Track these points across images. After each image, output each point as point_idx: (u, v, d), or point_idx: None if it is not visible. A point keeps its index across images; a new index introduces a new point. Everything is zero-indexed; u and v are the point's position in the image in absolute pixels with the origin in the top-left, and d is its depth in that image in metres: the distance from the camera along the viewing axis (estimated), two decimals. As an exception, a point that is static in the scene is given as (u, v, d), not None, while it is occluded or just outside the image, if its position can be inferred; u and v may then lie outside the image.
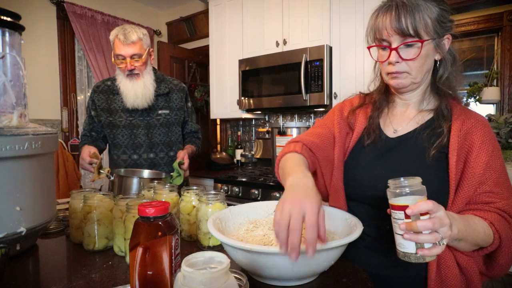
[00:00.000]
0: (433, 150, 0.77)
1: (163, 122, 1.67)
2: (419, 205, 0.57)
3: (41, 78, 2.82)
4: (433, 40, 0.76)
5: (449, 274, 0.76)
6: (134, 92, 1.56)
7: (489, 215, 0.74)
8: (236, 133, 3.34)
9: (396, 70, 0.78)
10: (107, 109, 1.66)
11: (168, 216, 0.56)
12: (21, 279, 0.72)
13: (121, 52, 1.51)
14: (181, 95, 1.74)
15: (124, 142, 1.65)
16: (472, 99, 3.13)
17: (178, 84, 1.77)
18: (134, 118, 1.65)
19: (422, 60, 0.76)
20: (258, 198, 2.25)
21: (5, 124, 0.54)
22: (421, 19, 0.73)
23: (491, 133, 0.78)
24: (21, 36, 0.59)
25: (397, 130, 0.86)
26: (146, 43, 1.58)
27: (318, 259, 0.62)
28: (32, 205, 0.56)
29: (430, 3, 0.75)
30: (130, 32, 1.50)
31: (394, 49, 0.76)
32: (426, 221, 0.56)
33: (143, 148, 1.66)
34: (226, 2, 2.89)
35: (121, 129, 1.65)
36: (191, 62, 3.67)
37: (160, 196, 0.98)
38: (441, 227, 0.57)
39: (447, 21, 0.77)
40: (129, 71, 1.55)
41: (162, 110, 1.68)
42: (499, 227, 0.72)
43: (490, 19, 3.18)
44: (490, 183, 0.75)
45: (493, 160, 0.75)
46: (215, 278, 0.41)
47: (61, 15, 2.93)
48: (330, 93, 2.32)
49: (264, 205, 0.93)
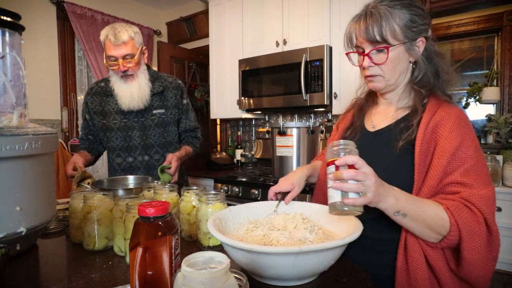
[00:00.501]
0: (401, 142, 0.82)
1: (158, 122, 1.61)
2: (346, 157, 0.66)
3: (41, 78, 2.82)
4: (404, 44, 0.81)
5: (416, 267, 0.76)
6: (130, 93, 1.51)
7: (449, 202, 0.73)
8: (236, 133, 3.34)
9: (370, 74, 0.86)
10: (100, 111, 1.61)
11: (168, 216, 0.56)
12: (21, 279, 0.72)
13: (112, 53, 1.45)
14: (175, 92, 1.65)
15: (119, 145, 1.61)
16: (472, 99, 3.13)
17: (173, 81, 1.68)
18: (129, 120, 1.59)
19: (392, 63, 0.83)
20: (258, 198, 2.25)
21: (5, 124, 0.54)
22: (388, 26, 0.79)
23: (462, 124, 0.78)
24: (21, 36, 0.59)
25: (375, 126, 0.94)
26: (138, 41, 1.50)
27: (318, 259, 0.62)
28: (32, 205, 0.56)
29: (400, 11, 0.80)
30: (121, 32, 1.43)
31: (366, 54, 0.83)
32: (350, 171, 0.65)
33: (138, 150, 1.61)
34: (226, 2, 2.89)
35: (115, 132, 1.60)
36: (191, 62, 3.67)
37: (160, 196, 0.98)
38: (365, 181, 0.64)
39: (419, 25, 0.81)
40: (123, 72, 1.49)
41: (157, 109, 1.61)
42: (457, 214, 0.70)
43: (490, 19, 3.18)
44: (456, 174, 0.74)
45: (462, 150, 0.75)
46: (215, 278, 0.41)
47: (61, 15, 2.93)
48: (330, 93, 2.32)
49: (264, 205, 0.93)
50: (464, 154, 0.75)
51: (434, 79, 0.86)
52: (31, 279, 0.73)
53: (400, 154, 0.82)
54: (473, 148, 0.76)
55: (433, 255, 0.76)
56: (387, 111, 0.93)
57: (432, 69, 0.86)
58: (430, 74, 0.85)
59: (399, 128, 0.85)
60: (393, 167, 0.82)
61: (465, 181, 0.74)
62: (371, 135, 0.93)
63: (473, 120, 3.29)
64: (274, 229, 0.78)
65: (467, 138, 0.77)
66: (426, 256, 0.77)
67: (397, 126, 0.86)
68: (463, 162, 0.75)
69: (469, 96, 3.14)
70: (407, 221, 0.72)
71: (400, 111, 0.90)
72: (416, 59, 0.85)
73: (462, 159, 0.75)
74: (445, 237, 0.72)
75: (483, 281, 0.75)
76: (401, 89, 0.89)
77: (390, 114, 0.92)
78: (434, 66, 0.86)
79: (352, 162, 0.66)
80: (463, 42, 3.43)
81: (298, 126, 2.58)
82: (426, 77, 0.85)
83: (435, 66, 0.86)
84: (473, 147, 0.76)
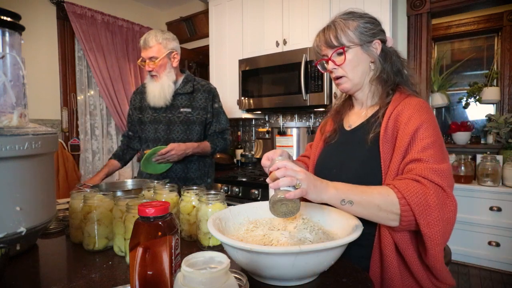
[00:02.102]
0: (371, 134, 0.90)
1: (183, 120, 1.72)
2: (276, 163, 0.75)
3: (41, 78, 2.82)
4: (360, 46, 0.93)
5: (387, 254, 0.81)
6: (153, 92, 1.69)
7: (395, 181, 0.77)
8: (236, 133, 3.34)
9: (335, 76, 0.97)
10: (139, 107, 1.80)
11: (168, 216, 0.56)
12: (21, 279, 0.72)
13: (142, 55, 1.68)
14: (206, 95, 1.76)
15: (150, 137, 1.76)
16: (472, 99, 3.13)
17: (206, 84, 1.80)
18: (158, 115, 1.74)
19: (352, 63, 0.93)
20: (258, 198, 2.25)
21: (5, 124, 0.54)
22: (342, 33, 0.92)
23: (420, 110, 0.85)
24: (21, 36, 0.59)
25: (351, 125, 1.02)
26: (167, 46, 1.67)
27: (318, 259, 0.62)
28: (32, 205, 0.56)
29: (352, 21, 0.93)
30: (150, 37, 1.65)
31: (329, 59, 0.95)
32: (280, 169, 0.72)
33: (161, 142, 1.72)
34: (226, 2, 2.90)
35: (148, 125, 1.76)
36: (191, 62, 3.67)
37: (160, 196, 0.98)
38: (295, 174, 0.71)
39: (370, 29, 0.93)
40: (149, 72, 1.69)
41: (184, 108, 1.73)
42: (403, 189, 0.73)
43: (490, 19, 3.18)
44: (414, 152, 0.79)
45: (421, 131, 0.81)
46: (215, 278, 0.41)
47: (61, 15, 2.93)
48: (330, 93, 2.32)
49: (264, 205, 0.93)
50: (422, 134, 0.80)
51: (396, 76, 0.95)
52: (31, 279, 0.73)
53: (371, 146, 0.89)
54: (432, 129, 0.81)
55: (402, 241, 0.79)
56: (361, 111, 1.03)
57: (393, 68, 0.95)
58: (390, 71, 0.95)
59: (369, 123, 0.94)
60: (366, 159, 0.89)
61: (421, 157, 0.77)
62: (348, 133, 1.01)
63: (473, 120, 3.29)
64: (274, 229, 0.78)
65: (425, 121, 0.82)
66: (396, 244, 0.80)
67: (368, 122, 0.95)
68: (421, 141, 0.79)
69: (469, 96, 3.14)
70: (357, 207, 0.75)
71: (370, 109, 0.99)
72: (374, 59, 0.95)
73: (421, 139, 0.80)
74: (400, 215, 0.73)
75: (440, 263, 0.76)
76: (367, 88, 0.99)
77: (363, 113, 1.01)
78: (394, 65, 0.95)
79: (282, 165, 0.73)
80: (463, 42, 3.43)
81: (298, 126, 2.58)
82: (384, 74, 0.95)
83: (395, 66, 0.96)
84: (431, 129, 0.81)
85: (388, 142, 0.86)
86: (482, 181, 2.39)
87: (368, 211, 0.75)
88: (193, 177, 1.76)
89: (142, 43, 1.66)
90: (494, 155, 2.44)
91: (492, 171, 2.36)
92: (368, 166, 0.88)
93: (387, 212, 0.74)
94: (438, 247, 0.73)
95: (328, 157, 1.03)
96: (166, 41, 1.67)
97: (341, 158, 0.97)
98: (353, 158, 0.93)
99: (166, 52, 1.66)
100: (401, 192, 0.73)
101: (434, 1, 2.37)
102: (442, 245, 0.74)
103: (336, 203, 0.75)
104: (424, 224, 0.72)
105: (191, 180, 1.75)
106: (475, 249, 2.39)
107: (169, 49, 1.68)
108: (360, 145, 0.93)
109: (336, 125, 1.06)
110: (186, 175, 1.74)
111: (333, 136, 1.05)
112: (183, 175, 1.73)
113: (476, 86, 3.08)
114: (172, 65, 1.72)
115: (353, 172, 0.91)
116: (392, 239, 0.81)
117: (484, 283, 2.20)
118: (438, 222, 0.71)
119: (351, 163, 0.93)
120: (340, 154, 0.99)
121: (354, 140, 0.97)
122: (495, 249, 2.29)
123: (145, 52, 1.65)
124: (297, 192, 0.69)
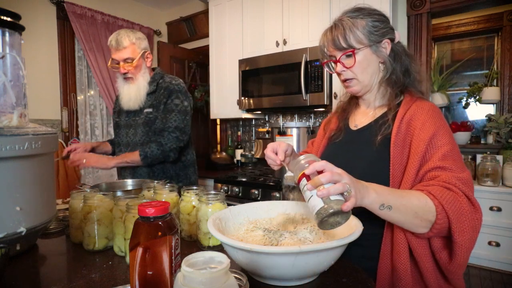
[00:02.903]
0: (379, 136, 0.88)
1: (144, 121, 1.64)
2: (313, 164, 0.66)
3: (41, 78, 2.82)
4: (370, 47, 0.89)
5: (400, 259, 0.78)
6: (128, 95, 1.63)
7: (429, 187, 0.74)
8: (236, 133, 3.34)
9: (344, 78, 0.94)
10: (118, 111, 1.77)
11: (168, 216, 0.56)
12: (21, 279, 0.72)
13: (114, 56, 1.59)
14: (165, 92, 1.63)
15: (123, 141, 1.72)
16: (472, 99, 3.13)
17: (170, 81, 1.66)
18: (129, 118, 1.70)
19: (362, 65, 0.90)
20: (258, 198, 2.24)
21: (5, 124, 0.54)
22: (351, 34, 0.88)
23: (434, 116, 0.84)
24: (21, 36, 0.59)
25: (358, 125, 1.00)
26: (141, 46, 1.60)
27: (318, 259, 0.62)
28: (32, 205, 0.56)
29: (361, 20, 0.89)
30: (123, 37, 1.56)
31: (337, 61, 0.92)
32: (325, 174, 0.64)
33: (130, 147, 1.68)
34: (226, 2, 2.89)
35: (122, 129, 1.72)
36: (191, 62, 3.67)
37: (160, 196, 0.98)
38: (341, 179, 0.64)
39: (380, 29, 0.90)
40: (123, 74, 1.61)
41: (147, 108, 1.65)
42: (440, 196, 0.71)
43: (490, 19, 3.18)
44: (435, 159, 0.77)
45: (438, 138, 0.79)
46: (215, 278, 0.41)
47: (61, 15, 2.93)
48: (330, 93, 2.32)
49: (264, 205, 0.93)
50: (439, 141, 0.79)
51: (405, 77, 0.93)
52: (31, 279, 0.73)
53: (379, 148, 0.87)
54: (448, 136, 0.81)
55: (418, 246, 0.77)
56: (367, 111, 1.00)
57: (402, 68, 0.92)
58: (399, 72, 0.92)
59: (378, 124, 0.91)
60: (374, 161, 0.87)
61: (443, 165, 0.76)
62: (354, 133, 0.99)
63: (473, 120, 3.29)
64: (274, 229, 0.78)
65: (441, 127, 0.81)
66: (411, 248, 0.78)
67: (376, 123, 0.92)
68: (439, 149, 0.78)
69: (469, 96, 3.14)
70: (394, 213, 0.71)
71: (378, 110, 0.97)
72: (383, 60, 0.92)
73: (439, 146, 0.78)
74: (435, 222, 0.72)
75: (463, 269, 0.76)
76: (376, 89, 0.96)
77: (370, 113, 0.99)
78: (403, 65, 0.93)
79: (321, 167, 0.65)
80: (463, 42, 3.43)
81: (298, 126, 2.58)
82: (394, 75, 0.92)
83: (404, 65, 0.93)
84: (447, 136, 0.80)
85: (399, 146, 0.84)
86: (482, 181, 2.39)
87: (405, 217, 0.72)
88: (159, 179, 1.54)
89: (114, 44, 1.55)
90: (494, 155, 2.44)
91: (492, 171, 2.35)
92: (376, 167, 0.86)
93: (421, 220, 0.72)
94: (467, 253, 0.73)
95: (332, 155, 1.01)
96: (139, 41, 1.60)
97: (347, 157, 0.95)
98: (360, 157, 0.91)
99: (140, 53, 1.60)
100: (438, 199, 0.71)
101: (434, 1, 2.37)
102: (470, 251, 0.73)
103: (375, 208, 0.70)
104: (458, 231, 0.70)
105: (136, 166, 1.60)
106: (475, 249, 2.39)
107: (142, 48, 1.62)
108: (367, 145, 0.91)
109: (341, 124, 1.04)
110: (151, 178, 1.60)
111: (338, 135, 1.03)
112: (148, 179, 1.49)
113: (476, 86, 3.08)
114: (146, 65, 1.66)
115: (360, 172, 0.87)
116: (407, 244, 0.78)
117: (484, 283, 2.20)
118: (469, 229, 0.71)
119: (357, 162, 0.90)
120: (345, 153, 0.97)
121: (361, 140, 0.95)
122: (495, 249, 2.29)
123: (118, 53, 1.56)
124: (352, 202, 0.62)
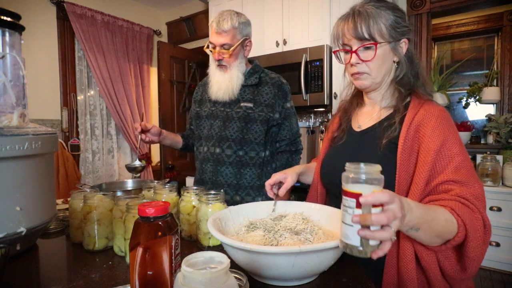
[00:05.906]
0: (384, 139, 0.84)
1: (241, 116, 1.42)
2: (376, 195, 0.52)
3: (41, 78, 2.82)
4: (389, 43, 0.85)
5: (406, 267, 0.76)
6: (219, 83, 1.44)
7: (449, 202, 0.72)
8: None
9: (357, 71, 0.88)
10: (199, 100, 1.58)
11: (168, 216, 0.56)
12: (21, 279, 0.72)
13: (212, 39, 1.41)
14: (275, 90, 1.45)
15: (204, 134, 1.51)
16: (472, 99, 3.13)
17: (276, 78, 1.49)
18: (216, 108, 1.48)
19: (379, 61, 0.86)
20: (258, 198, 2.24)
21: (5, 124, 0.54)
22: (375, 25, 0.83)
23: (444, 123, 0.80)
24: (21, 36, 0.59)
25: (361, 126, 0.96)
26: (242, 32, 1.41)
27: (318, 259, 0.62)
28: (32, 205, 0.56)
29: (385, 11, 0.84)
30: (225, 20, 1.38)
31: (354, 51, 0.85)
32: (381, 215, 0.52)
33: (213, 141, 1.46)
34: (226, 2, 2.90)
35: (204, 120, 1.52)
36: (191, 62, 3.67)
37: (160, 196, 0.98)
38: (394, 221, 0.54)
39: (402, 26, 0.86)
40: (218, 61, 1.42)
41: (245, 102, 1.44)
42: (462, 214, 0.69)
43: (490, 19, 3.18)
44: (447, 172, 0.74)
45: (447, 148, 0.76)
46: (215, 278, 0.41)
47: (61, 15, 2.93)
48: (330, 93, 2.32)
49: (264, 205, 0.93)
50: (450, 151, 0.76)
51: (414, 80, 0.89)
52: (31, 279, 0.73)
53: (384, 152, 0.84)
54: (458, 145, 0.77)
55: (427, 255, 0.76)
56: (372, 111, 0.96)
57: (413, 70, 0.90)
58: (410, 74, 0.89)
59: (383, 126, 0.87)
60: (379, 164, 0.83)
61: (457, 178, 0.74)
62: (357, 134, 0.96)
63: (473, 120, 3.29)
64: (274, 229, 0.78)
65: (450, 136, 0.78)
66: (418, 257, 0.76)
67: (381, 125, 0.89)
68: (451, 160, 0.75)
69: (469, 96, 3.14)
70: (418, 234, 0.67)
71: (383, 111, 0.93)
72: (399, 59, 0.88)
73: (449, 157, 0.75)
74: (452, 239, 0.70)
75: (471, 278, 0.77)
76: (384, 88, 0.92)
77: (374, 114, 0.95)
78: (414, 67, 0.90)
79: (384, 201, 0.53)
80: (463, 42, 3.43)
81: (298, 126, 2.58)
82: (406, 77, 0.89)
83: (415, 68, 0.90)
84: (458, 145, 0.77)
85: (406, 153, 0.80)
86: (482, 181, 2.39)
87: (426, 237, 0.68)
88: (247, 185, 1.42)
89: (214, 26, 1.38)
90: (494, 155, 2.44)
91: (492, 171, 2.35)
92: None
93: (441, 239, 0.70)
94: (478, 266, 0.73)
95: (335, 158, 0.98)
96: (242, 25, 1.41)
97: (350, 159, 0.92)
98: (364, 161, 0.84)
99: (241, 39, 1.40)
100: (461, 218, 0.68)
101: (434, 1, 2.37)
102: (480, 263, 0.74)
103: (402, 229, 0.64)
104: (473, 247, 0.70)
105: (244, 188, 1.43)
106: (475, 249, 2.39)
107: (244, 35, 1.42)
108: (371, 148, 0.87)
109: (343, 125, 1.01)
110: (239, 182, 1.43)
111: (340, 136, 1.00)
112: (234, 181, 1.42)
113: (476, 86, 3.08)
114: (244, 55, 1.46)
115: None
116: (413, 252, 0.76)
117: (484, 283, 2.20)
118: (482, 245, 0.71)
119: None
120: (349, 155, 0.94)
121: (365, 142, 0.92)
122: (495, 249, 2.29)
123: (217, 37, 1.38)
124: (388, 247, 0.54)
